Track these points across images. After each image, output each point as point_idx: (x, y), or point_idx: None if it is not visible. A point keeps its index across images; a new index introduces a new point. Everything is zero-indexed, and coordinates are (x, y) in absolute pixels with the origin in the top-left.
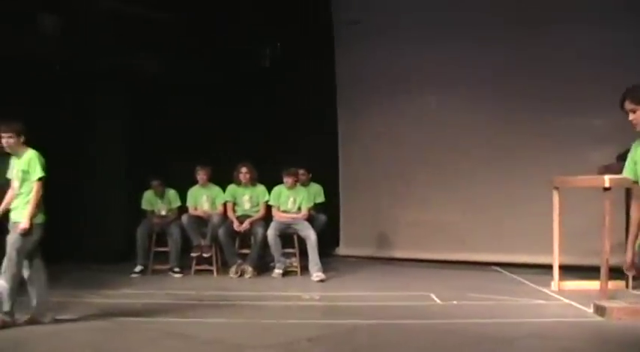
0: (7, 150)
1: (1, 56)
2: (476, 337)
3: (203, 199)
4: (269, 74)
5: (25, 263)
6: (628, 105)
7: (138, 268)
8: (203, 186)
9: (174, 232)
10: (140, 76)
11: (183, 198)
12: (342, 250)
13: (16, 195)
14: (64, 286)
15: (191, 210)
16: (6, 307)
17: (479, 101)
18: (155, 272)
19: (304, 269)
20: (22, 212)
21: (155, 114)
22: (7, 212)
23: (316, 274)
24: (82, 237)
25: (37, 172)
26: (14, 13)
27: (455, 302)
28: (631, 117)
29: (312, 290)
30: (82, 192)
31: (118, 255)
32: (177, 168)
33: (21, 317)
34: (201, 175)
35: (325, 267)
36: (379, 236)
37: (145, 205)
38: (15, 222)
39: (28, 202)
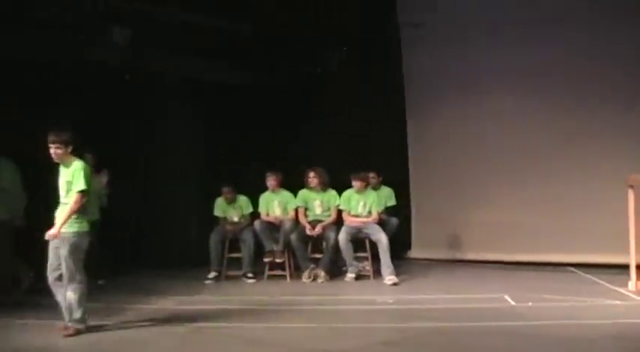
0: (55, 159)
1: (74, 65)
2: (552, 339)
3: (275, 205)
4: (337, 78)
5: (56, 264)
6: None
7: (212, 274)
8: (274, 191)
9: (247, 238)
10: (210, 83)
11: (255, 204)
12: (414, 253)
13: (62, 205)
14: (139, 293)
15: (263, 216)
16: (76, 315)
17: (551, 100)
18: (229, 278)
19: (377, 272)
20: (67, 222)
21: (225, 121)
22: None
23: (389, 277)
24: (157, 243)
25: (80, 184)
26: (88, 25)
27: (530, 303)
28: None
29: (385, 293)
30: (155, 199)
31: (192, 261)
32: (248, 175)
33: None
34: (271, 181)
35: (398, 270)
36: (451, 238)
37: (217, 212)
38: (60, 232)
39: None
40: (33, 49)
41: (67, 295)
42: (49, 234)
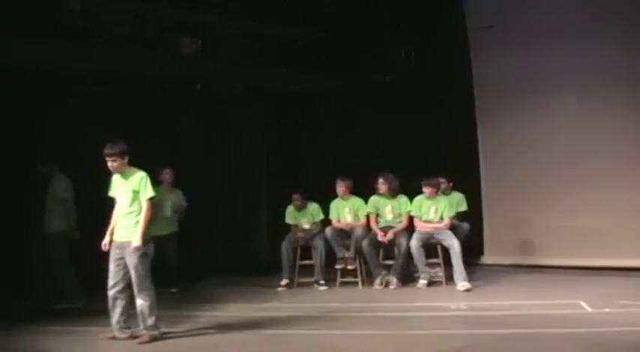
0: (113, 172)
1: (145, 77)
2: (631, 346)
3: (345, 211)
4: (405, 82)
5: (121, 276)
6: None
7: (284, 281)
8: (344, 198)
9: (319, 245)
10: (279, 91)
11: (325, 210)
12: (486, 258)
13: (125, 215)
14: (212, 300)
15: (334, 223)
16: (150, 322)
17: (622, 101)
18: (301, 285)
19: (449, 278)
20: (132, 231)
21: (293, 128)
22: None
23: (461, 283)
24: (228, 252)
25: (148, 192)
26: (158, 37)
27: (607, 309)
28: None
29: (458, 300)
30: (226, 206)
31: (264, 269)
32: (318, 181)
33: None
34: (341, 187)
35: (470, 276)
36: (524, 243)
37: (288, 219)
38: (125, 241)
39: (137, 222)
40: (102, 64)
41: (138, 303)
42: (135, 247)
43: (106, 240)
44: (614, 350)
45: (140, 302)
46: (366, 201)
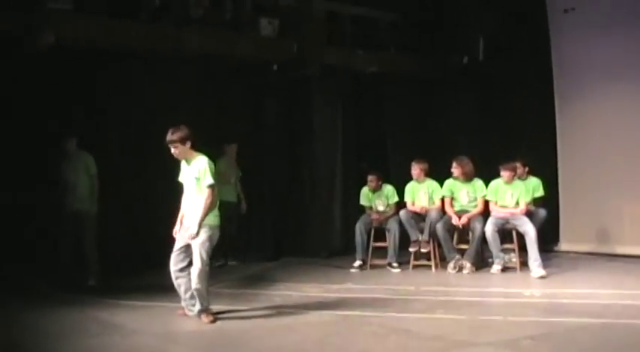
0: (177, 157)
1: (224, 58)
2: None
3: (420, 194)
4: (483, 67)
5: (182, 258)
6: None
7: (357, 263)
8: (420, 181)
9: (393, 227)
10: (355, 73)
11: (400, 193)
12: (562, 245)
13: (192, 200)
14: (285, 280)
15: (409, 206)
16: (206, 304)
17: None
18: (373, 267)
19: (524, 265)
20: (194, 216)
21: (371, 111)
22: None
23: (536, 270)
24: (302, 231)
25: (208, 179)
26: (236, 19)
27: None
28: None
29: (532, 286)
30: (303, 187)
31: (337, 249)
32: (395, 164)
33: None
34: (417, 170)
35: (545, 263)
36: (601, 231)
37: (363, 201)
38: (189, 226)
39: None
40: (180, 44)
41: (195, 286)
42: (191, 234)
43: (177, 227)
44: None
45: (198, 286)
46: (441, 184)
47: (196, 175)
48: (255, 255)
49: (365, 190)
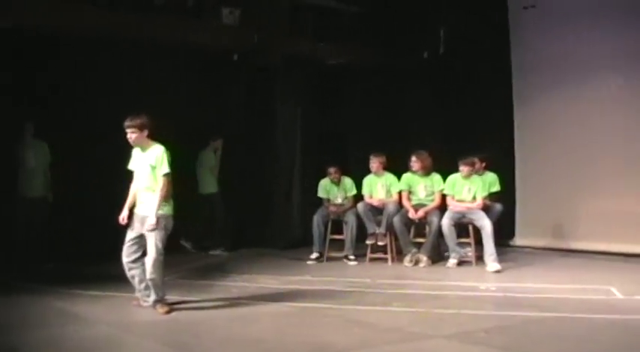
0: (132, 144)
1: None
2: None
3: (378, 187)
4: (443, 61)
5: (135, 249)
6: None
7: (314, 255)
8: (378, 174)
9: (350, 220)
10: (317, 64)
11: (358, 186)
12: (518, 240)
13: (146, 188)
14: (242, 271)
15: (366, 199)
16: (161, 294)
17: None
18: (330, 259)
19: (479, 259)
20: (149, 206)
21: (332, 103)
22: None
23: (492, 264)
24: (260, 223)
25: (164, 168)
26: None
27: (638, 296)
28: None
29: (487, 280)
30: (262, 179)
31: (294, 241)
32: (353, 156)
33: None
34: (375, 163)
35: (501, 258)
36: (556, 226)
37: (321, 193)
38: (144, 216)
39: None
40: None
41: (150, 276)
42: (150, 224)
43: (124, 213)
44: None
45: (153, 276)
46: (399, 177)
47: (152, 163)
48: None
49: (324, 182)
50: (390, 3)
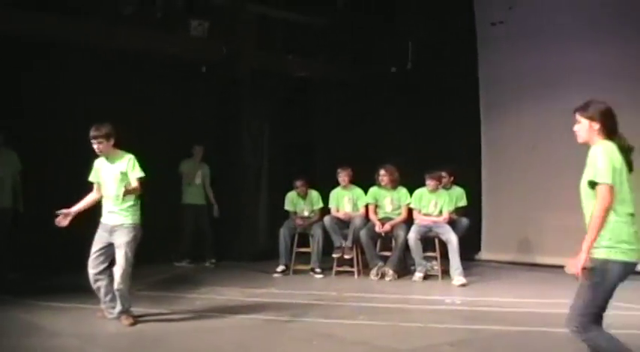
0: (100, 154)
1: (153, 56)
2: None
3: (345, 201)
4: (411, 76)
5: (101, 259)
6: (577, 117)
7: (280, 268)
8: (345, 187)
9: (317, 233)
10: (285, 76)
11: (325, 199)
12: (484, 254)
13: (115, 198)
14: (207, 284)
15: (333, 212)
16: (127, 305)
17: (628, 102)
18: (297, 272)
19: (445, 273)
20: (124, 215)
21: (300, 115)
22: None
23: (457, 278)
24: (225, 235)
25: (137, 172)
26: (167, 18)
27: None
28: (575, 127)
29: (453, 294)
30: (228, 191)
31: (261, 254)
32: (321, 168)
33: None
34: (342, 177)
35: (467, 272)
36: (522, 241)
37: (288, 206)
38: (116, 225)
39: (130, 205)
40: (108, 42)
41: (118, 286)
42: (133, 235)
43: (65, 212)
44: None
45: (121, 286)
46: (366, 191)
47: (123, 170)
48: (179, 257)
49: (290, 195)
50: (358, 17)
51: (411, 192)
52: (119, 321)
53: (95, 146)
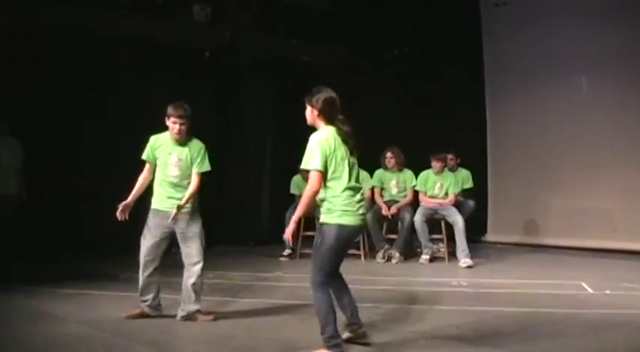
0: (176, 136)
1: (156, 43)
2: (629, 328)
3: None
4: (415, 58)
5: (161, 251)
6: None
7: (286, 251)
8: None
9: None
10: (287, 62)
11: None
12: (490, 236)
13: (178, 182)
14: (216, 268)
15: None
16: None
17: (632, 83)
18: (303, 256)
19: (452, 255)
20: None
21: (302, 100)
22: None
23: (464, 260)
24: (231, 219)
25: (205, 165)
26: (169, 3)
27: (608, 291)
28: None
29: (459, 276)
30: (232, 176)
31: (267, 238)
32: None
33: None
34: None
35: (473, 254)
36: (528, 222)
37: (293, 189)
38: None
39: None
40: (110, 29)
41: (195, 281)
42: (173, 216)
43: (127, 203)
44: (613, 331)
45: (197, 280)
46: (371, 174)
47: (192, 156)
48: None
49: (296, 178)
50: (360, 1)
51: (416, 174)
52: (195, 321)
53: (178, 127)
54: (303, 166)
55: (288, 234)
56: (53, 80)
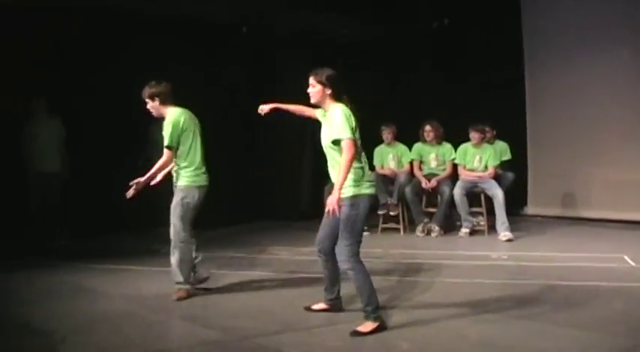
0: (154, 114)
1: (192, 18)
2: None
3: (389, 158)
4: (454, 30)
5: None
6: (311, 81)
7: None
8: (389, 144)
9: None
10: (326, 36)
11: (370, 157)
12: (530, 209)
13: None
14: (257, 243)
15: (378, 169)
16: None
17: None
18: None
19: (491, 228)
20: (178, 175)
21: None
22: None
23: (504, 233)
24: (271, 195)
25: (166, 139)
26: None
27: None
28: (310, 90)
29: (499, 249)
30: (272, 153)
31: (307, 212)
32: (364, 128)
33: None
34: (386, 134)
35: (513, 227)
36: (568, 195)
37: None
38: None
39: (179, 166)
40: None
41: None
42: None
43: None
44: None
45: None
46: (410, 147)
47: (163, 133)
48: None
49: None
50: None
51: (455, 147)
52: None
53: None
54: (336, 136)
55: (333, 204)
56: (89, 57)
